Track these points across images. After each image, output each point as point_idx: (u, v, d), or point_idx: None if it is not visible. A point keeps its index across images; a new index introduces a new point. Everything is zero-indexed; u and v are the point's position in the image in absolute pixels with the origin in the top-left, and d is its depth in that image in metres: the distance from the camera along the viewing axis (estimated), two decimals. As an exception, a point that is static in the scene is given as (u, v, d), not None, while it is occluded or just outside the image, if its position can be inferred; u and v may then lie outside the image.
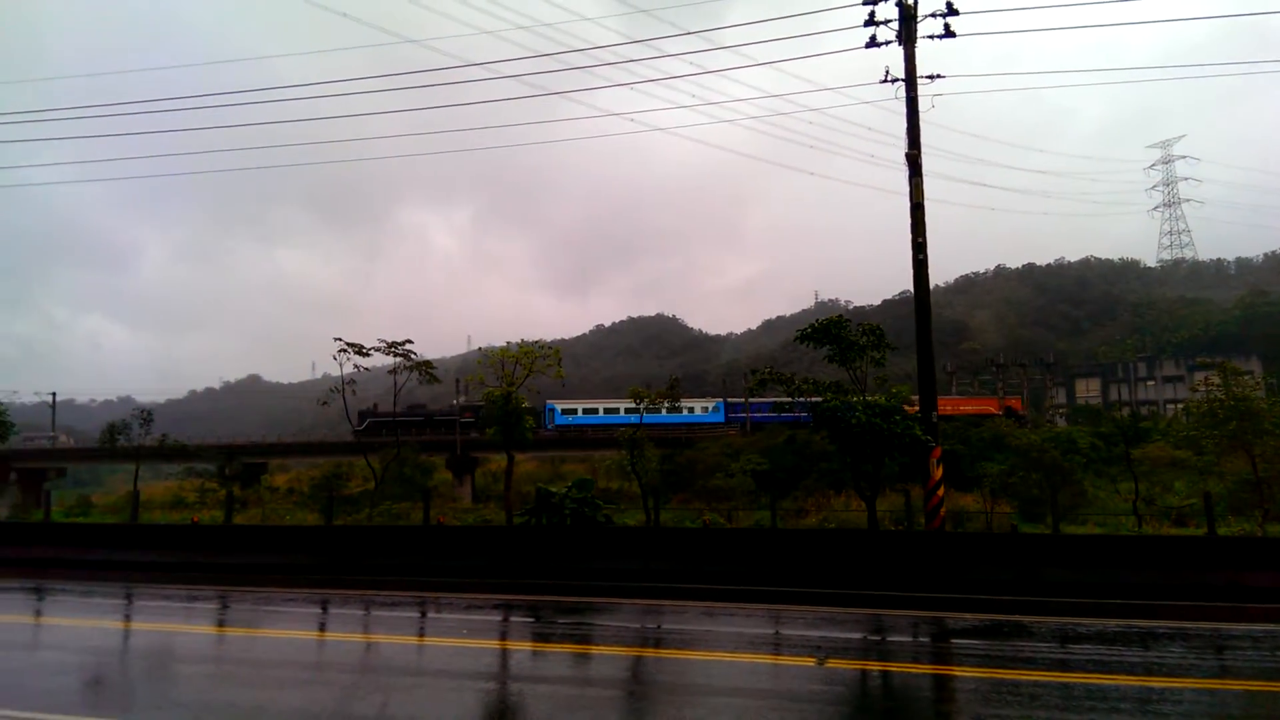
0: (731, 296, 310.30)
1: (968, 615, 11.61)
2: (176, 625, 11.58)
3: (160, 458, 57.31)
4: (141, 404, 72.47)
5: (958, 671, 8.55)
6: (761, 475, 40.01)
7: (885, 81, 17.45)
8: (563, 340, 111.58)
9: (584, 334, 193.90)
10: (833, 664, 8.42)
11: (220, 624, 12.00)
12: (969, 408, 67.26)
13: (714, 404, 67.36)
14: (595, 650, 9.54)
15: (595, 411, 65.05)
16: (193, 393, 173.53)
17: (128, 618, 12.60)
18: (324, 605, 13.33)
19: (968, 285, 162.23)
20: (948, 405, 67.67)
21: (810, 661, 8.50)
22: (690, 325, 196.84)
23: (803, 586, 13.38)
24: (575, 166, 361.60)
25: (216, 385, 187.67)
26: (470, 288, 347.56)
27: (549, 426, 63.61)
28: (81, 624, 11.69)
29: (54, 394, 74.17)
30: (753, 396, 58.02)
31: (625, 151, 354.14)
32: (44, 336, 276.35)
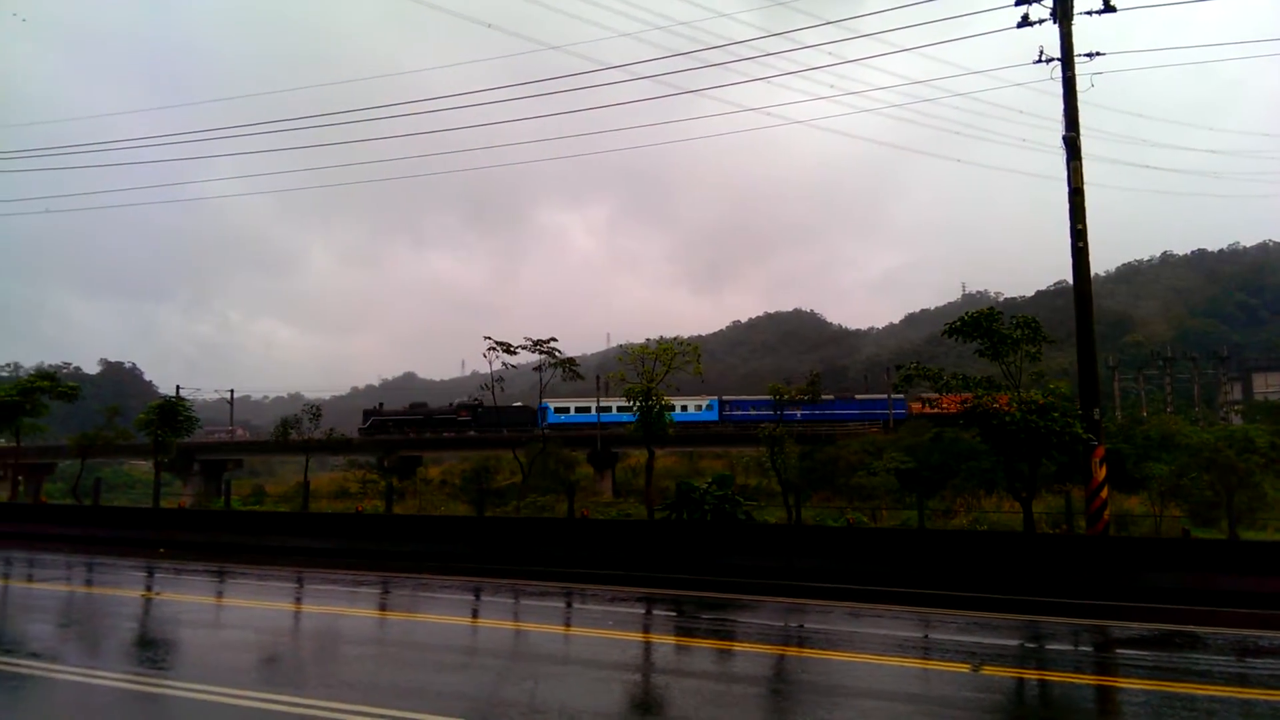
0: (872, 290, 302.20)
1: (1134, 624, 10.94)
2: (342, 608, 12.35)
3: (327, 450, 61.49)
4: (309, 400, 77.87)
5: (1124, 683, 8.07)
6: (906, 474, 38.82)
7: (1039, 62, 16.58)
8: (699, 336, 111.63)
9: (721, 330, 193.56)
10: (988, 671, 8.11)
11: (382, 608, 12.74)
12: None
13: (707, 402, 68.10)
14: (739, 647, 9.58)
15: (587, 410, 66.87)
16: (355, 389, 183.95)
17: (299, 600, 13.58)
18: (476, 593, 13.94)
19: (1131, 274, 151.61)
20: (947, 401, 66.97)
21: (964, 668, 8.22)
22: (829, 320, 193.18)
23: (953, 590, 12.95)
24: (711, 162, 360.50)
25: (376, 383, 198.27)
26: (608, 285, 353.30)
27: (542, 425, 66.49)
28: (258, 605, 12.72)
29: (232, 391, 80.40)
30: (896, 392, 56.30)
31: (762, 145, 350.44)
32: (222, 338, 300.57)
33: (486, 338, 27.50)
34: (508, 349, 27.91)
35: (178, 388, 57.36)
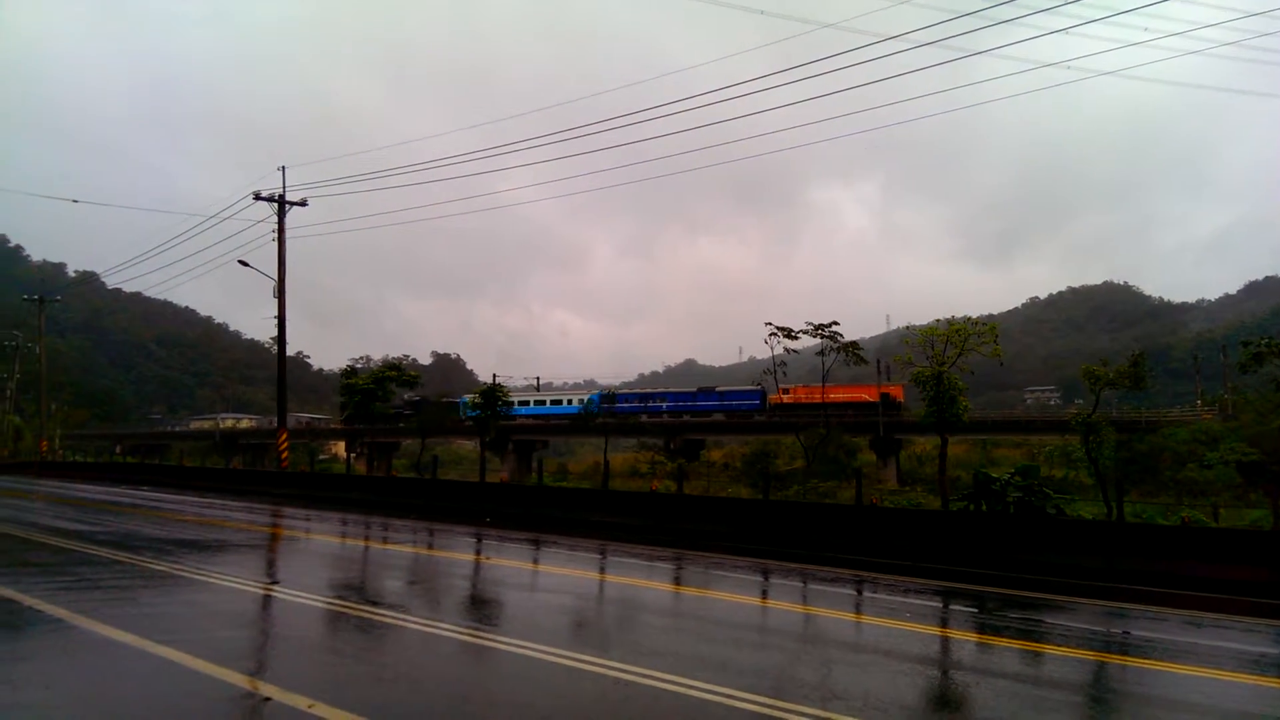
0: (1201, 255, 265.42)
1: None
2: (642, 580, 13.04)
3: (620, 433, 65.81)
4: (601, 386, 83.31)
5: None
6: (1249, 467, 33.77)
7: None
8: (990, 316, 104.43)
9: (1014, 308, 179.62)
10: (1373, 701, 6.92)
11: (677, 582, 13.34)
12: (840, 395, 60.14)
13: (589, 397, 71.66)
14: (1051, 650, 8.91)
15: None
16: (641, 375, 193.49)
17: (603, 570, 14.54)
18: (765, 574, 14.17)
19: None
20: (804, 392, 63.07)
21: (1339, 694, 7.07)
22: (1146, 292, 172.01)
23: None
24: (997, 126, 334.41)
25: (659, 369, 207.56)
26: (885, 264, 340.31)
27: (463, 416, 69.04)
28: (569, 573, 13.85)
29: (538, 378, 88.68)
30: (1243, 373, 48.99)
31: (1060, 102, 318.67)
32: (526, 329, 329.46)
33: (767, 323, 27.77)
34: (788, 334, 27.97)
35: (494, 376, 64.03)
